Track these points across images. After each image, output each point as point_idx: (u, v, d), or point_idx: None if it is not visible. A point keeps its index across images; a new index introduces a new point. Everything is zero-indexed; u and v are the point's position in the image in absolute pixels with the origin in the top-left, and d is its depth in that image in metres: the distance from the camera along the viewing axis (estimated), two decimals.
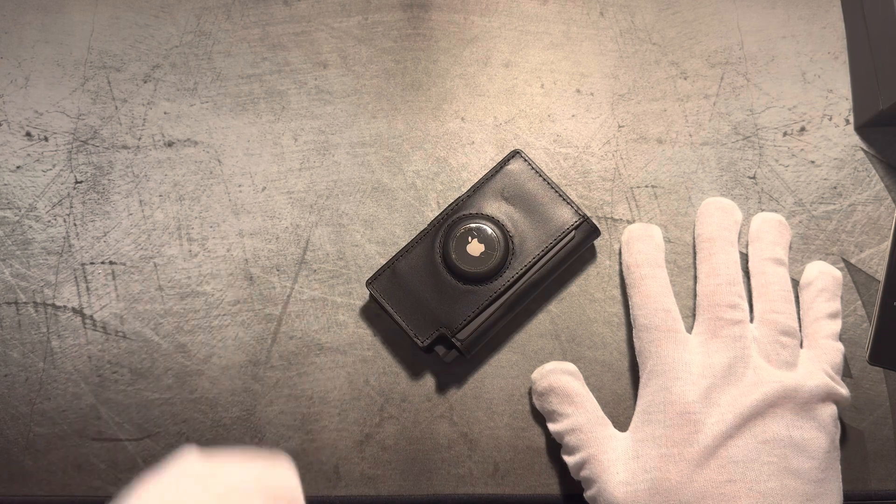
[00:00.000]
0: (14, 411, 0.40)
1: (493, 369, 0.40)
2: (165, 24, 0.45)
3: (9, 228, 0.42)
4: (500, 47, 0.45)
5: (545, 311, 0.41)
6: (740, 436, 0.33)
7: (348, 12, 0.45)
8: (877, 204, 0.42)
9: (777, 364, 0.35)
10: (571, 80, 0.44)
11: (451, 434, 0.39)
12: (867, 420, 0.39)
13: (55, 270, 0.42)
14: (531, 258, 0.39)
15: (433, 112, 0.44)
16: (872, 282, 0.41)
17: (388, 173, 0.43)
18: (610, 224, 0.42)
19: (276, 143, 0.43)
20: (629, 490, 0.33)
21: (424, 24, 0.45)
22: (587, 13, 0.45)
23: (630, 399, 0.39)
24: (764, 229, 0.39)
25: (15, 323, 0.41)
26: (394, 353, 0.41)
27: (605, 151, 0.43)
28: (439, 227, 0.40)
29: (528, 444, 0.39)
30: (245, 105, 0.44)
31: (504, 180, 0.40)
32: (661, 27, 0.45)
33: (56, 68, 0.45)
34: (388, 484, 0.39)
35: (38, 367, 0.40)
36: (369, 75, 0.44)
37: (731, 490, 0.31)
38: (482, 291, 0.39)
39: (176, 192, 0.43)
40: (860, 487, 0.38)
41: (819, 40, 0.44)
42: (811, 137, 0.43)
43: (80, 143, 0.43)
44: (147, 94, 0.44)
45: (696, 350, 0.35)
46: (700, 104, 0.43)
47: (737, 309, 0.36)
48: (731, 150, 0.43)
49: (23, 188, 0.43)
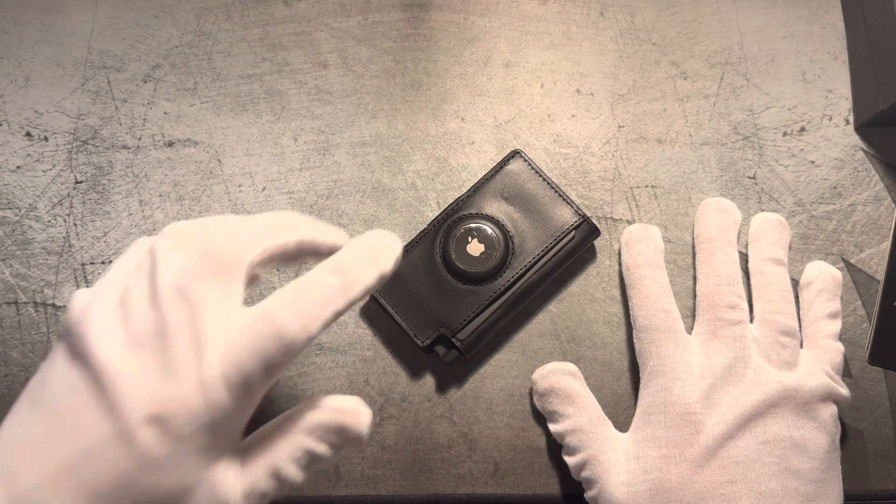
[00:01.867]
0: None
1: (493, 369, 0.40)
2: (165, 24, 0.45)
3: (9, 228, 0.42)
4: (500, 47, 0.45)
5: (545, 311, 0.41)
6: (741, 436, 0.33)
7: (348, 12, 0.45)
8: (877, 204, 0.42)
9: (777, 364, 0.35)
10: (571, 80, 0.44)
11: (451, 434, 0.39)
12: (867, 420, 0.39)
13: (55, 270, 0.42)
14: (531, 258, 0.39)
15: (433, 112, 0.44)
16: (872, 282, 0.41)
17: (388, 173, 0.43)
18: (610, 224, 0.42)
19: (276, 143, 0.43)
20: (630, 491, 0.33)
21: (424, 24, 0.45)
22: (587, 13, 0.45)
23: (630, 399, 0.39)
24: (764, 229, 0.39)
25: (15, 323, 0.41)
26: (394, 353, 0.41)
27: (605, 151, 0.43)
28: (439, 227, 0.40)
29: (528, 444, 0.39)
30: (245, 105, 0.44)
31: (504, 180, 0.40)
32: (661, 27, 0.45)
33: (56, 68, 0.45)
34: (388, 484, 0.39)
35: (38, 367, 0.40)
36: (369, 75, 0.44)
37: (731, 491, 0.31)
38: (482, 291, 0.39)
39: (176, 192, 0.43)
40: (860, 487, 0.38)
41: (819, 40, 0.44)
42: (811, 137, 0.43)
43: (80, 143, 0.44)
44: (147, 94, 0.44)
45: (697, 350, 0.35)
46: (700, 104, 0.43)
47: (736, 309, 0.36)
48: (731, 150, 0.43)
49: (23, 188, 0.43)
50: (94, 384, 0.25)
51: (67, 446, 0.25)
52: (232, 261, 0.27)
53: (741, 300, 0.37)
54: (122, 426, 0.25)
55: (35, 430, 0.26)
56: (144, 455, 0.25)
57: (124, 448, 0.25)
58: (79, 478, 0.25)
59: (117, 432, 0.25)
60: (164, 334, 0.25)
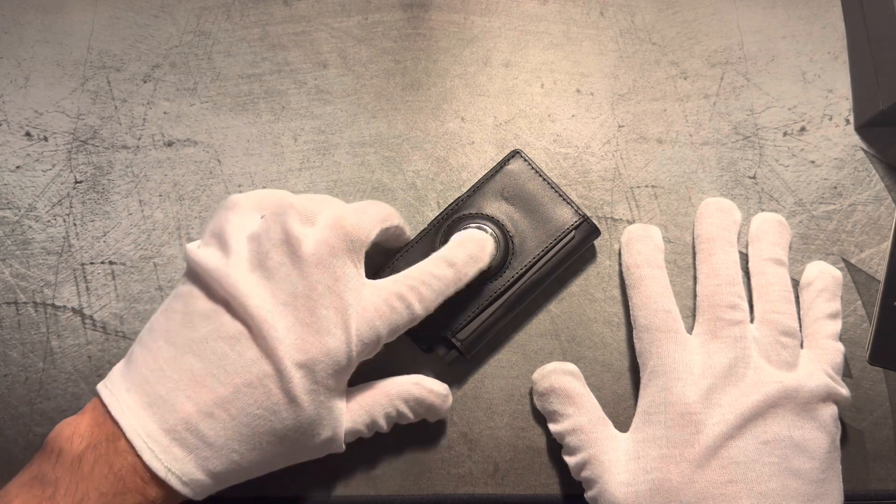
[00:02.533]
0: (14, 411, 0.40)
1: (493, 369, 0.40)
2: (165, 24, 0.45)
3: (8, 228, 0.42)
4: (500, 47, 0.45)
5: (545, 311, 0.41)
6: (741, 436, 0.33)
7: (348, 12, 0.45)
8: (877, 204, 0.42)
9: (777, 364, 0.35)
10: (571, 80, 0.44)
11: (451, 434, 0.39)
12: (867, 420, 0.39)
13: (55, 270, 0.42)
14: (531, 258, 0.39)
15: (433, 112, 0.44)
16: (872, 282, 0.41)
17: (388, 173, 0.43)
18: (610, 224, 0.42)
19: (275, 143, 0.43)
20: (630, 491, 0.33)
21: (424, 24, 0.45)
22: (587, 13, 0.45)
23: (630, 399, 0.39)
24: (764, 229, 0.39)
25: (15, 323, 0.41)
26: (394, 353, 0.41)
27: (605, 151, 0.43)
28: (439, 226, 0.40)
29: (528, 444, 0.39)
30: (245, 105, 0.44)
31: (504, 180, 0.40)
32: (661, 27, 0.45)
33: (56, 68, 0.45)
34: (388, 484, 0.39)
35: (37, 367, 0.40)
36: (369, 75, 0.44)
37: (732, 491, 0.31)
38: (482, 291, 0.39)
39: (176, 192, 0.43)
40: (860, 488, 0.38)
41: (819, 40, 0.44)
42: (811, 137, 0.43)
43: (80, 142, 0.43)
44: (147, 94, 0.44)
45: (697, 350, 0.35)
46: (700, 104, 0.43)
47: (737, 309, 0.36)
48: (731, 150, 0.43)
49: (22, 188, 0.43)
50: (251, 333, 0.31)
51: (225, 382, 0.30)
52: (360, 239, 0.33)
53: (741, 300, 0.37)
54: (277, 368, 0.30)
55: (191, 368, 0.31)
56: (291, 393, 0.31)
57: (276, 385, 0.30)
58: (232, 410, 0.30)
59: (273, 372, 0.30)
60: (310, 297, 0.31)
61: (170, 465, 0.30)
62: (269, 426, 0.31)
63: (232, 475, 0.32)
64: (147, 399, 0.30)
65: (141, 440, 0.30)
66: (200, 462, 0.30)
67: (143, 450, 0.29)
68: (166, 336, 0.32)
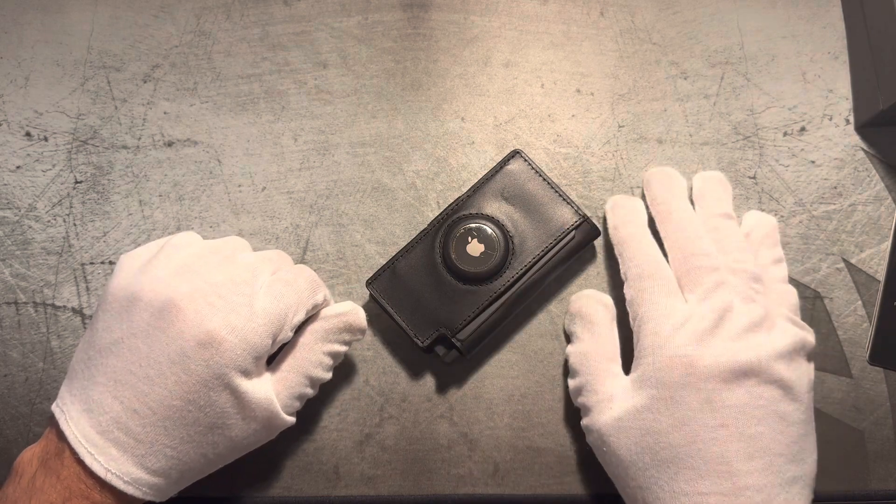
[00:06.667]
0: (14, 411, 0.40)
1: (493, 369, 0.40)
2: (165, 24, 0.45)
3: (9, 228, 0.42)
4: (500, 47, 0.45)
5: (545, 311, 0.41)
6: (735, 382, 0.33)
7: (348, 12, 0.45)
8: (877, 204, 0.42)
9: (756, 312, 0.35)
10: (571, 80, 0.44)
11: (451, 434, 0.39)
12: (867, 420, 0.39)
13: (55, 270, 0.42)
14: (531, 258, 0.39)
15: (433, 112, 0.44)
16: (872, 282, 0.41)
17: (388, 173, 0.43)
18: None
19: (275, 143, 0.43)
20: (621, 426, 0.34)
21: (424, 24, 0.45)
22: (587, 13, 0.45)
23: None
24: (707, 188, 0.40)
25: (15, 323, 0.41)
26: (394, 353, 0.41)
27: (605, 151, 0.43)
28: (439, 227, 0.40)
29: (528, 444, 0.39)
30: (245, 105, 0.44)
31: (504, 180, 0.40)
32: (661, 27, 0.45)
33: (56, 68, 0.45)
34: (388, 484, 0.39)
35: (37, 367, 0.40)
36: (369, 75, 0.44)
37: (722, 434, 0.32)
38: (482, 291, 0.39)
39: (176, 192, 0.43)
40: (860, 487, 0.38)
41: (819, 40, 0.44)
42: (811, 137, 0.43)
43: (80, 143, 0.43)
44: (147, 94, 0.44)
45: (685, 297, 0.36)
46: (700, 104, 0.43)
47: (711, 256, 0.36)
48: (731, 150, 0.43)
49: (22, 188, 0.43)
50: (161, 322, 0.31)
51: (141, 376, 0.31)
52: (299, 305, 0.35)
53: (713, 248, 0.37)
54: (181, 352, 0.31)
55: (114, 368, 0.31)
56: (198, 375, 0.31)
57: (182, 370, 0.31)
58: (151, 403, 0.31)
59: (178, 358, 0.31)
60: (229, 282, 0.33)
61: (108, 465, 0.30)
62: (192, 416, 0.31)
63: (180, 471, 0.32)
64: (84, 405, 0.31)
65: (81, 446, 0.30)
66: (137, 459, 0.31)
67: (83, 454, 0.30)
68: (90, 343, 0.33)
